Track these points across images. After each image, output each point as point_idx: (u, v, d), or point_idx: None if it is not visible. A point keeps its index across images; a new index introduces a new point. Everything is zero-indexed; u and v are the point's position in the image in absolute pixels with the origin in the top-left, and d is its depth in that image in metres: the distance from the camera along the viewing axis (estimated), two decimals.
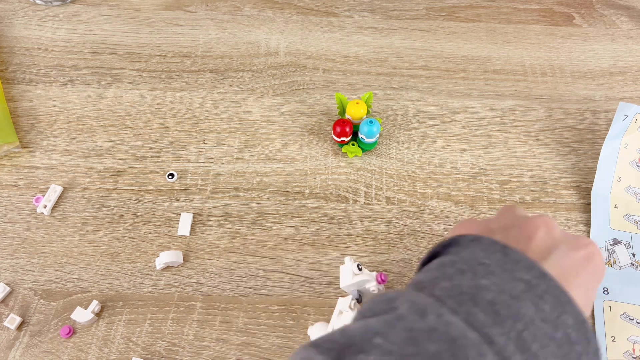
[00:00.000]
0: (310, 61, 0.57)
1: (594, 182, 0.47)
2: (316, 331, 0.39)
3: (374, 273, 0.39)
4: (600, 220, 0.46)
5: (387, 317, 0.20)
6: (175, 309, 0.41)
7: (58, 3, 0.60)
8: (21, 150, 0.49)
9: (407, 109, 0.54)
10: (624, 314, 0.41)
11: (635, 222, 0.46)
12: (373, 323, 0.19)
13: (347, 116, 0.48)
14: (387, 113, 0.53)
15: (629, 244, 0.45)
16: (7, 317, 0.40)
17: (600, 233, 0.45)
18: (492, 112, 0.53)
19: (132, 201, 0.46)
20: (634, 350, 0.40)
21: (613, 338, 0.40)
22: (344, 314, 0.38)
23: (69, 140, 0.50)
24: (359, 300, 0.40)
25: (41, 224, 0.45)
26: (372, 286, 0.39)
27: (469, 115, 0.53)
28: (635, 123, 0.47)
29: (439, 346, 0.18)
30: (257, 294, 0.42)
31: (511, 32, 0.60)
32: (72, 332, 0.40)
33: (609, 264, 0.44)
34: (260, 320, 0.41)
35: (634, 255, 0.44)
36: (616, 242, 0.45)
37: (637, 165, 0.48)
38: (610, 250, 0.44)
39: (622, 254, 0.44)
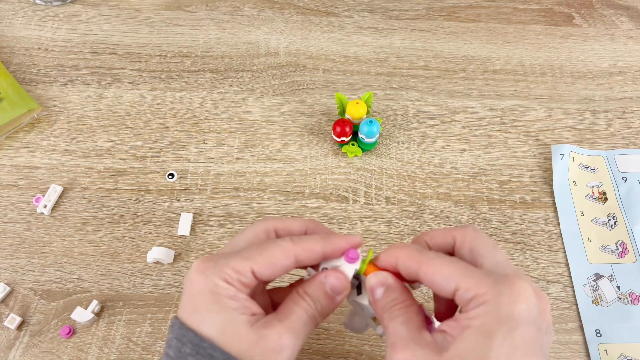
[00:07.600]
0: (310, 61, 0.57)
1: (559, 221, 0.46)
2: None
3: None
4: (577, 257, 0.44)
5: None
6: (176, 309, 0.41)
7: (58, 3, 0.60)
8: (47, 113, 0.51)
9: (407, 109, 0.54)
10: (621, 355, 0.40)
11: (612, 251, 0.44)
12: None
13: (347, 116, 0.48)
14: (387, 113, 0.53)
15: (611, 276, 0.43)
16: (7, 317, 0.40)
17: (580, 270, 0.44)
18: (492, 112, 0.53)
19: (132, 201, 0.46)
20: None
21: None
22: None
23: (69, 140, 0.50)
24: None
25: (41, 223, 0.45)
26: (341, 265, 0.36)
27: (469, 115, 0.53)
28: (573, 161, 0.49)
29: None
30: None
31: (511, 32, 0.61)
32: (72, 332, 0.40)
33: (595, 302, 0.42)
34: None
35: (618, 287, 0.42)
36: (598, 276, 0.43)
37: (594, 198, 0.47)
38: (594, 287, 0.43)
39: (606, 289, 0.42)
